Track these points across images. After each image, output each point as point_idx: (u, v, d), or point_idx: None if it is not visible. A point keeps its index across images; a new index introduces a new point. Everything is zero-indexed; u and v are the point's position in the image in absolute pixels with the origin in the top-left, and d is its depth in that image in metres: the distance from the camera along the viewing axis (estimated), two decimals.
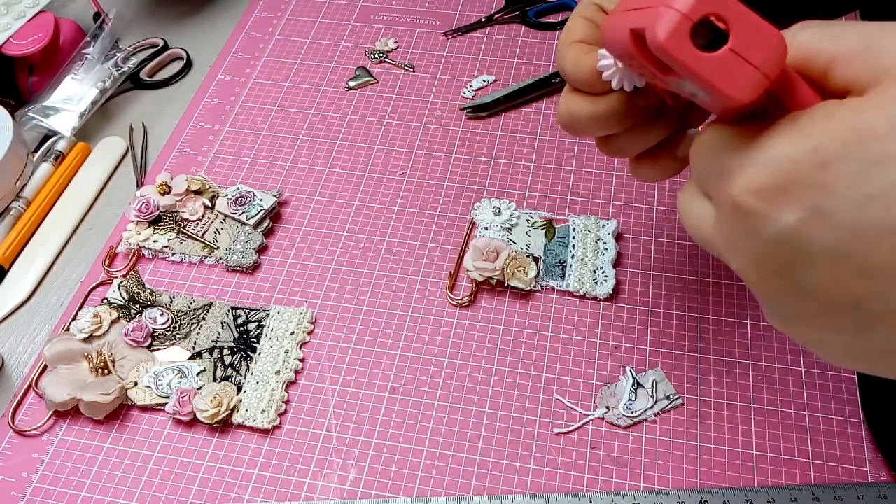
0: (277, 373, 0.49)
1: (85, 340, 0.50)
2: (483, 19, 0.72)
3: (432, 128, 0.63)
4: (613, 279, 0.51)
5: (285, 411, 0.48)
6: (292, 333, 0.51)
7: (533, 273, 0.52)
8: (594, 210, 0.56)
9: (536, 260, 0.53)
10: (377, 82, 0.68)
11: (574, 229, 0.54)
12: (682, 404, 0.47)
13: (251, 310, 0.53)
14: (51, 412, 0.49)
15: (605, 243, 0.53)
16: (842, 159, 0.23)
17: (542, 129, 0.62)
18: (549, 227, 0.55)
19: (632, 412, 0.46)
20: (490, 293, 0.53)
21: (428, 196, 0.59)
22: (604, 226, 0.54)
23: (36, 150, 0.64)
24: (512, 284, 0.51)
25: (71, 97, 0.66)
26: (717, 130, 0.28)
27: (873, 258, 0.23)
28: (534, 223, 0.55)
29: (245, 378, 0.49)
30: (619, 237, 0.54)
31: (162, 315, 0.52)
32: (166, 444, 0.47)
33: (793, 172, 0.24)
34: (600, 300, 0.51)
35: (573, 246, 0.53)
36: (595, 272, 0.52)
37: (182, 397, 0.47)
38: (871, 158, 0.23)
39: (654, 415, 0.46)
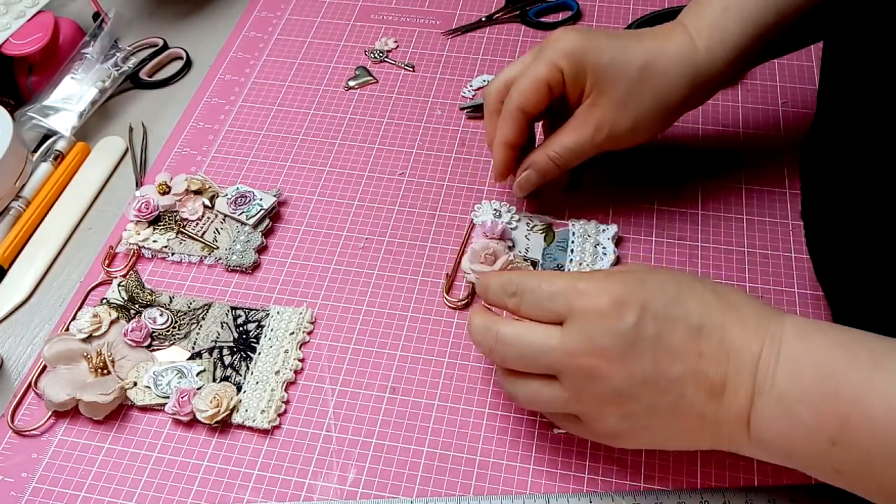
0: (277, 373, 0.49)
1: (84, 340, 0.50)
2: (483, 19, 0.72)
3: (432, 127, 0.63)
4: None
5: (285, 411, 0.48)
6: (292, 333, 0.51)
7: None
8: (595, 213, 0.56)
9: (534, 264, 0.53)
10: (377, 82, 0.67)
11: (574, 234, 0.54)
12: None
13: (251, 310, 0.53)
14: (50, 412, 0.49)
15: (604, 248, 0.53)
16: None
17: (542, 130, 0.62)
18: (548, 231, 0.55)
19: None
20: None
21: (428, 196, 0.59)
22: (604, 230, 0.54)
23: (35, 150, 0.64)
24: None
25: (70, 97, 0.66)
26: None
27: None
28: (533, 227, 0.55)
29: (245, 378, 0.49)
30: (618, 242, 0.54)
31: (161, 315, 0.52)
32: (166, 444, 0.47)
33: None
34: None
35: (572, 251, 0.53)
36: None
37: (182, 397, 0.47)
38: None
39: None
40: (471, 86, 0.66)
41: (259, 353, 0.50)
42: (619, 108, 0.49)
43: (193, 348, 0.51)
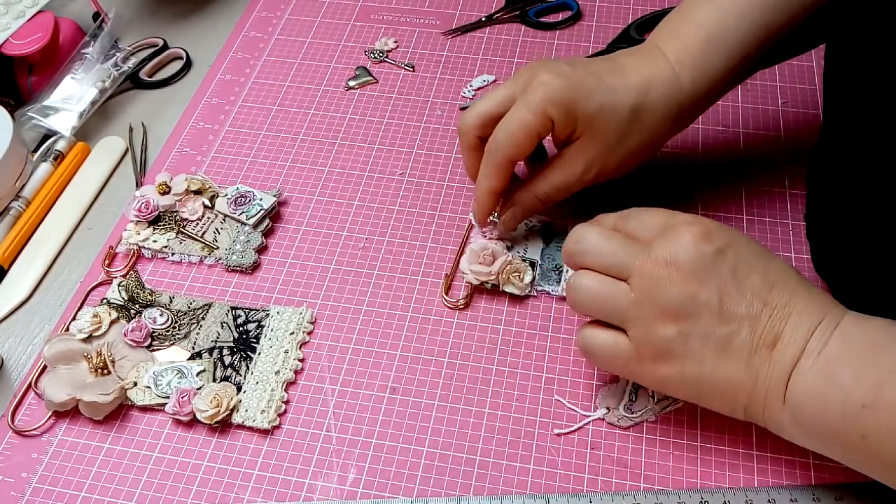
0: (277, 373, 0.49)
1: (84, 340, 0.50)
2: (483, 19, 0.72)
3: (432, 127, 0.63)
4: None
5: (285, 411, 0.48)
6: (292, 333, 0.51)
7: (528, 278, 0.51)
8: (594, 213, 0.56)
9: (533, 264, 0.53)
10: (377, 82, 0.67)
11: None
12: (683, 405, 0.46)
13: (251, 310, 0.53)
14: (50, 412, 0.49)
15: None
16: None
17: None
18: (547, 231, 0.55)
19: (632, 413, 0.46)
20: (487, 295, 0.53)
21: (428, 196, 0.59)
22: None
23: (35, 150, 0.64)
24: (506, 290, 0.51)
25: (70, 97, 0.66)
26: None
27: None
28: (532, 227, 0.55)
29: (245, 378, 0.49)
30: None
31: (161, 315, 0.52)
32: (166, 444, 0.47)
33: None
34: None
35: None
36: None
37: (182, 397, 0.47)
38: None
39: (655, 415, 0.46)
40: (471, 86, 0.66)
41: (259, 353, 0.50)
42: (608, 150, 0.48)
43: (193, 348, 0.51)
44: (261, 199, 0.57)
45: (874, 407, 0.35)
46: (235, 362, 0.50)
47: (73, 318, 0.52)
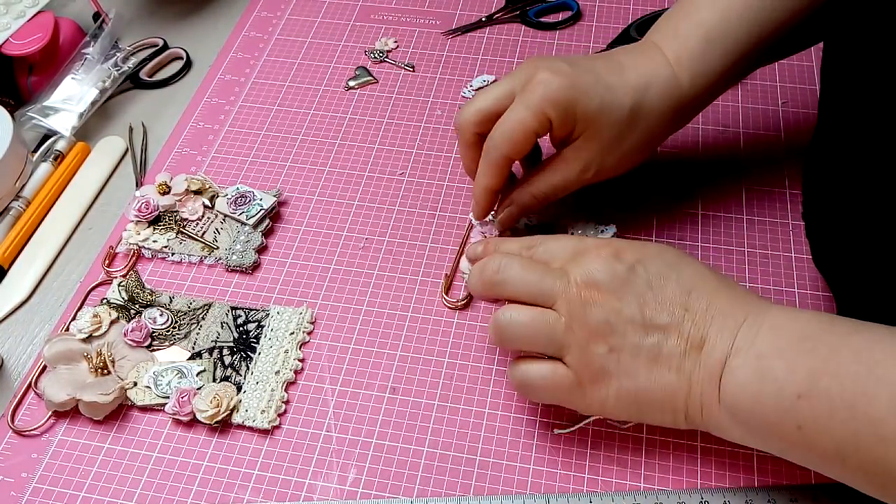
0: (277, 373, 0.49)
1: (84, 340, 0.50)
2: (483, 19, 0.72)
3: (432, 128, 0.63)
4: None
5: (285, 411, 0.48)
6: (292, 333, 0.51)
7: None
8: (594, 213, 0.56)
9: None
10: (377, 82, 0.67)
11: (572, 234, 0.54)
12: None
13: (251, 310, 0.53)
14: (50, 412, 0.49)
15: None
16: None
17: None
18: (547, 231, 0.55)
19: None
20: None
21: (428, 196, 0.59)
22: (602, 231, 0.54)
23: (35, 150, 0.64)
24: None
25: (70, 97, 0.66)
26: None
27: None
28: (529, 225, 0.55)
29: (245, 378, 0.49)
30: None
31: (161, 315, 0.52)
32: (166, 444, 0.47)
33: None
34: None
35: None
36: None
37: (182, 397, 0.47)
38: None
39: None
40: (471, 86, 0.66)
41: (259, 353, 0.50)
42: (606, 149, 0.48)
43: (193, 348, 0.51)
44: (261, 199, 0.57)
45: (808, 396, 0.35)
46: (235, 362, 0.50)
47: (73, 318, 0.52)
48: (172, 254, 0.56)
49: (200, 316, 0.52)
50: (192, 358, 0.50)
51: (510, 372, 0.44)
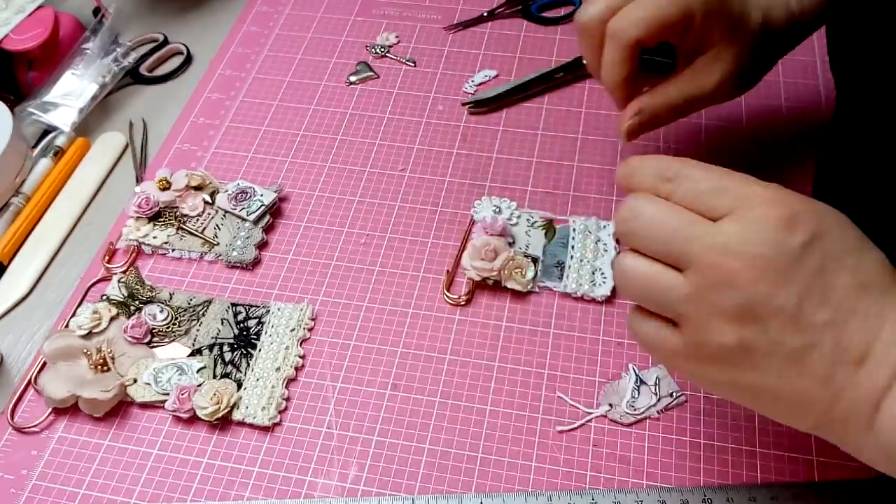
0: (278, 370, 0.49)
1: (84, 337, 0.50)
2: (485, 14, 0.71)
3: (433, 123, 0.63)
4: (612, 281, 0.51)
5: (285, 408, 0.48)
6: (292, 330, 0.51)
7: (530, 274, 0.51)
8: (596, 207, 0.56)
9: (535, 260, 0.52)
10: (378, 77, 0.67)
11: (574, 230, 0.54)
12: (686, 401, 0.46)
13: (251, 306, 0.52)
14: (50, 409, 0.48)
15: (605, 244, 0.53)
16: None
17: (545, 125, 0.62)
18: (549, 227, 0.54)
19: (635, 409, 0.46)
20: (488, 292, 0.52)
21: (429, 192, 0.58)
22: (604, 227, 0.54)
23: (35, 146, 0.64)
24: (508, 286, 0.51)
25: (70, 92, 0.66)
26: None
27: None
28: (534, 223, 0.55)
29: (245, 375, 0.49)
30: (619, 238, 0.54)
31: (161, 311, 0.52)
32: (166, 441, 0.47)
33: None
34: (599, 302, 0.51)
35: (573, 247, 0.53)
36: (594, 273, 0.52)
37: (182, 394, 0.47)
38: None
39: (658, 412, 0.46)
40: (472, 81, 0.66)
41: (259, 350, 0.50)
42: (740, 62, 0.46)
43: (194, 345, 0.51)
44: (261, 195, 0.57)
45: None
46: (236, 359, 0.50)
47: (73, 315, 0.52)
48: (172, 250, 0.56)
49: (201, 312, 0.52)
50: (192, 354, 0.50)
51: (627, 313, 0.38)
